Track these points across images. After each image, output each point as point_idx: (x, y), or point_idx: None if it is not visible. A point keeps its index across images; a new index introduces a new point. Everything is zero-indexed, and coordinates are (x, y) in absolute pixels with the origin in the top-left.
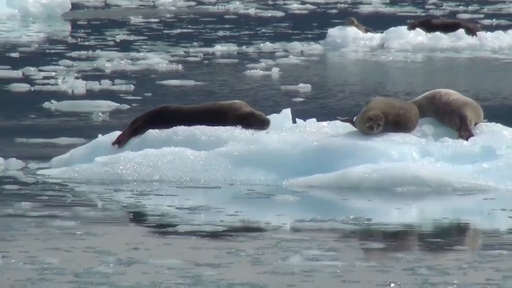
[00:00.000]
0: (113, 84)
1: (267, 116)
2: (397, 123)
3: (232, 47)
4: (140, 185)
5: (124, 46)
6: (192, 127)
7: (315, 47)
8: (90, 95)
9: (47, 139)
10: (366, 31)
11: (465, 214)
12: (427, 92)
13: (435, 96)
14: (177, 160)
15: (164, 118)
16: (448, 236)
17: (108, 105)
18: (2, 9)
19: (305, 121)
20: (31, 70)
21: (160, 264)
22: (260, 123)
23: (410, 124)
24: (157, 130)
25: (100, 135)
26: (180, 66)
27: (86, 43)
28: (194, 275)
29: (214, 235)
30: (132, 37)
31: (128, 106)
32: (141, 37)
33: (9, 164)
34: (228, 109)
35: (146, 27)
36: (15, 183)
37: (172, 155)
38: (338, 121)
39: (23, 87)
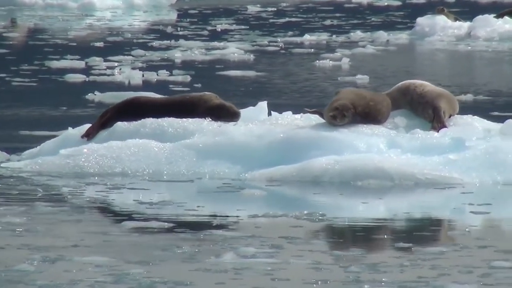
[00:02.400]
0: (170, 75)
1: (238, 109)
2: (367, 115)
3: (322, 37)
4: (101, 178)
5: (216, 36)
6: (160, 119)
7: (401, 36)
8: (146, 85)
9: (56, 131)
10: (455, 19)
11: (422, 209)
12: (400, 83)
13: (409, 87)
14: (141, 152)
15: (133, 110)
16: (398, 232)
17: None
18: (105, 0)
19: (280, 113)
20: (96, 60)
21: (89, 261)
22: (230, 115)
23: (380, 116)
24: (125, 122)
25: (70, 128)
26: (252, 56)
27: (180, 32)
28: (120, 272)
29: (158, 231)
30: (233, 26)
31: None
32: (243, 26)
33: None
34: (198, 101)
35: (255, 16)
36: None
37: (136, 147)
38: (315, 114)
39: (78, 77)
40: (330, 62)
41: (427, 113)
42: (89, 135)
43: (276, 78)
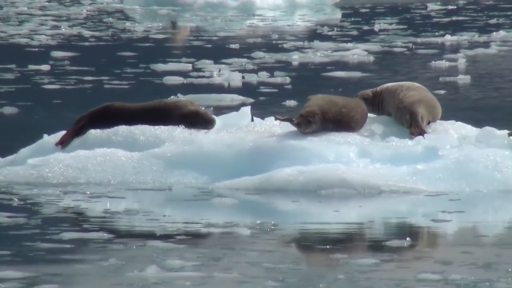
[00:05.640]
0: (270, 77)
1: (213, 116)
2: (339, 122)
3: (464, 37)
4: (62, 188)
5: (361, 37)
6: (132, 127)
7: None
8: (245, 87)
9: None
10: None
11: (378, 218)
12: (391, 84)
13: (396, 91)
14: (108, 162)
15: (108, 117)
16: (344, 242)
17: (232, 98)
18: None
19: (263, 119)
20: (205, 63)
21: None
22: (204, 122)
23: (354, 124)
24: (98, 130)
25: (45, 135)
26: (372, 58)
27: (330, 33)
28: None
29: (94, 242)
30: (392, 26)
31: (253, 100)
32: (401, 26)
33: None
34: (173, 107)
35: (423, 15)
36: None
37: (103, 156)
38: (286, 121)
39: (176, 80)
40: (446, 62)
41: (405, 118)
42: (63, 143)
43: (379, 79)
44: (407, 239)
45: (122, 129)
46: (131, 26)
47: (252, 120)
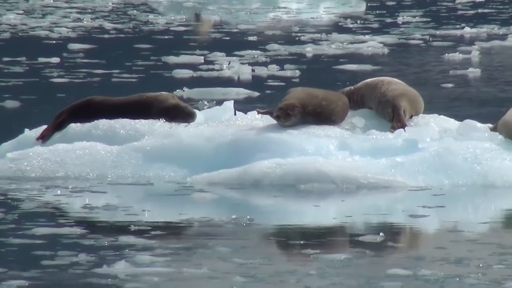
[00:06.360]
0: (280, 70)
1: (194, 109)
2: (319, 115)
3: (483, 29)
4: (40, 182)
5: (381, 29)
6: (112, 121)
7: None
8: (255, 81)
9: None
10: None
11: (355, 213)
12: (370, 79)
13: (377, 85)
14: (87, 156)
15: (89, 111)
16: (318, 238)
17: (238, 92)
18: None
19: (245, 113)
20: (217, 55)
21: None
22: (185, 116)
23: (334, 117)
24: (78, 124)
25: (26, 130)
26: (386, 50)
27: (351, 25)
28: None
29: (67, 237)
30: (415, 19)
31: (259, 94)
32: (424, 19)
33: None
34: (153, 101)
35: (450, 8)
36: None
37: (82, 150)
38: (266, 114)
39: (185, 73)
40: (460, 55)
41: (387, 111)
42: (44, 137)
43: (388, 71)
44: (380, 234)
45: (102, 122)
46: (154, 19)
47: (235, 114)
